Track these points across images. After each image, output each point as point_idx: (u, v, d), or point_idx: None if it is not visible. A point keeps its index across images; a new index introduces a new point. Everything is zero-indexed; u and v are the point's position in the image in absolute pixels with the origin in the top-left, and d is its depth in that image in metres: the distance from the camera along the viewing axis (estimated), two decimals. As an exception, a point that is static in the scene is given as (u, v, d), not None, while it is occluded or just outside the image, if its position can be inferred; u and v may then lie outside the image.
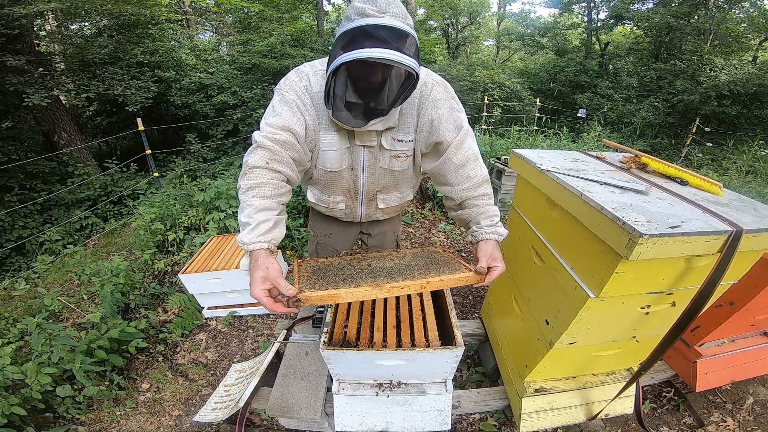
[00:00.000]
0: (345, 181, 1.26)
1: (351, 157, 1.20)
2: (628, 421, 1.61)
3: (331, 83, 0.98)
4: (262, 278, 0.87)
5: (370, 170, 1.24)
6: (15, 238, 5.03)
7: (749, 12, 9.81)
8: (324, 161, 1.19)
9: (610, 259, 0.90)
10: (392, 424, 1.30)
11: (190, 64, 8.30)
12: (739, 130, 8.75)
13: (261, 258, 0.90)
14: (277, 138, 1.01)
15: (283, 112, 1.06)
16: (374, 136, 1.15)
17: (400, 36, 0.90)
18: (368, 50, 0.87)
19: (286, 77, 1.11)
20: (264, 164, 0.99)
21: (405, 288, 0.99)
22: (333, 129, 1.13)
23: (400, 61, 0.88)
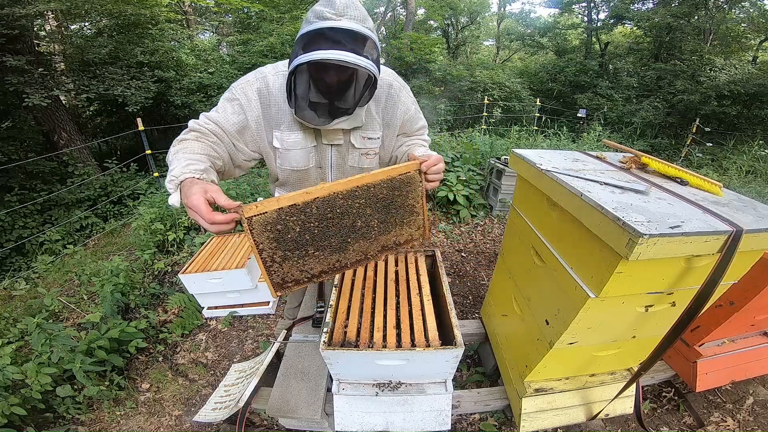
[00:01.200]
0: (313, 179, 1.28)
1: (318, 155, 1.22)
2: (628, 421, 1.61)
3: (291, 83, 0.99)
4: (203, 190, 0.83)
5: (339, 168, 1.27)
6: (15, 238, 5.03)
7: (749, 12, 9.81)
8: (289, 160, 1.20)
9: (610, 259, 0.90)
10: (392, 424, 1.30)
11: (190, 64, 8.30)
12: (739, 130, 8.75)
13: (196, 183, 0.86)
14: (208, 127, 1.05)
15: (223, 108, 1.09)
16: (341, 134, 1.18)
17: (357, 38, 0.92)
18: (323, 52, 0.89)
19: (244, 76, 1.12)
20: (193, 138, 1.02)
21: (349, 183, 0.95)
22: (298, 128, 1.14)
23: (354, 62, 0.90)
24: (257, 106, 1.11)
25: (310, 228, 0.94)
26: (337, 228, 0.99)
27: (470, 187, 3.83)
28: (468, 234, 3.54)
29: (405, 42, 10.14)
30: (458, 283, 2.80)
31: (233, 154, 1.12)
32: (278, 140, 1.16)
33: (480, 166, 4.16)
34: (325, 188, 0.92)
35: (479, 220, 3.73)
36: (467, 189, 3.77)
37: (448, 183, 3.77)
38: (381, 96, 1.19)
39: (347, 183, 0.95)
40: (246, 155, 1.16)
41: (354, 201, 0.98)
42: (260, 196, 3.42)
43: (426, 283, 1.47)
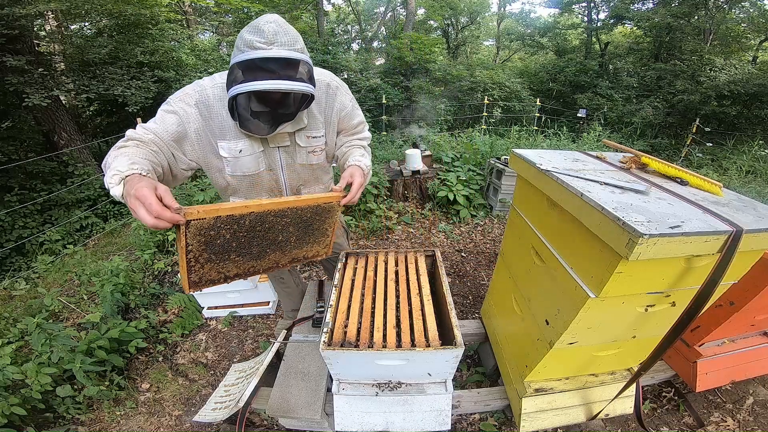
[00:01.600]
0: (266, 182, 1.32)
1: (267, 159, 1.26)
2: (628, 421, 1.61)
3: (233, 104, 1.04)
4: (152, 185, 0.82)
5: (289, 168, 1.32)
6: (15, 238, 5.03)
7: (749, 12, 9.81)
8: (240, 167, 1.23)
9: (610, 259, 0.90)
10: (392, 424, 1.30)
11: (190, 64, 8.30)
12: (739, 130, 8.75)
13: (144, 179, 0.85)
14: (147, 137, 1.05)
15: (163, 120, 1.09)
16: (287, 137, 1.23)
17: (289, 64, 0.97)
18: (260, 83, 0.94)
19: (183, 89, 1.14)
20: (134, 145, 1.00)
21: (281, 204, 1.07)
22: (244, 136, 1.17)
23: (289, 88, 0.97)
24: (197, 119, 1.12)
25: (238, 237, 1.02)
26: (262, 240, 1.09)
27: (470, 187, 3.82)
28: (468, 234, 3.54)
29: (405, 42, 10.14)
30: (458, 283, 2.80)
31: (171, 163, 1.12)
32: (225, 150, 1.18)
33: (480, 166, 4.16)
34: (261, 205, 1.02)
35: (479, 220, 3.73)
36: (467, 189, 3.77)
37: (448, 183, 3.77)
38: (321, 96, 1.25)
39: (279, 203, 1.06)
40: (184, 164, 1.16)
41: (282, 219, 1.10)
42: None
43: (426, 283, 1.47)
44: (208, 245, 0.96)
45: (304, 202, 1.12)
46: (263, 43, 0.95)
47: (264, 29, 0.95)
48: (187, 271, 0.96)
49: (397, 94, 9.05)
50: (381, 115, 7.34)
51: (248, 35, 0.95)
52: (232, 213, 0.96)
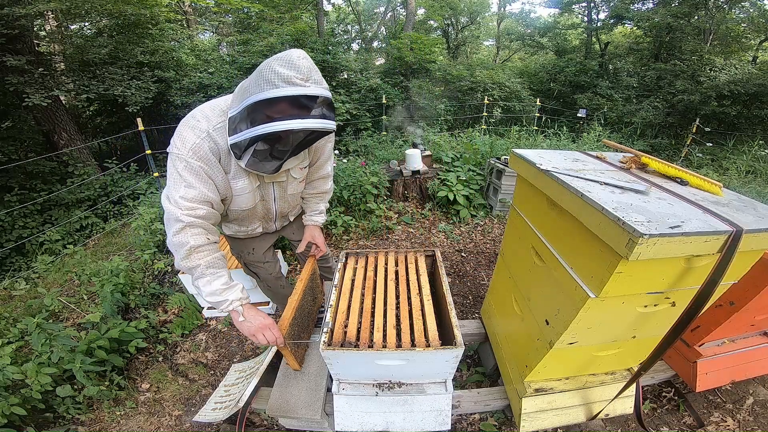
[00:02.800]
0: (259, 212, 1.39)
1: (261, 192, 1.32)
2: (628, 421, 1.61)
3: (250, 143, 1.01)
4: (264, 325, 1.19)
5: (281, 198, 1.40)
6: (15, 238, 5.04)
7: (749, 12, 9.80)
8: (239, 204, 1.27)
9: (610, 259, 0.90)
10: (392, 424, 1.30)
11: (190, 64, 8.30)
12: (739, 130, 8.74)
13: (253, 310, 1.21)
14: (199, 214, 1.09)
15: (194, 182, 1.08)
16: (284, 172, 1.29)
17: (324, 102, 0.97)
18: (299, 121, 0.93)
19: (183, 139, 1.07)
20: (205, 242, 1.11)
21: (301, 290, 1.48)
22: (243, 175, 1.19)
23: (328, 128, 0.99)
24: (217, 165, 1.13)
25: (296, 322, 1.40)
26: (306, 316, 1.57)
27: (470, 187, 3.82)
28: (468, 234, 3.54)
29: (405, 42, 10.14)
30: (458, 283, 2.80)
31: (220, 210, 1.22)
32: (230, 189, 1.22)
33: (480, 166, 4.16)
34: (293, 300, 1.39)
35: (479, 220, 3.73)
36: (467, 189, 3.77)
37: (448, 183, 3.77)
38: None
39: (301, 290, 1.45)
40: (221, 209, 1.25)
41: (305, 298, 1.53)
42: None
43: (426, 283, 1.47)
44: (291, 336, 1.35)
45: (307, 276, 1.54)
46: (301, 80, 0.93)
47: (299, 65, 0.93)
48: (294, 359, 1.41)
49: (397, 94, 9.05)
50: (381, 115, 7.34)
51: (284, 70, 0.91)
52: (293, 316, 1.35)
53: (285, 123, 0.93)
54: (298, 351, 1.48)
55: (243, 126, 0.99)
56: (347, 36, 16.64)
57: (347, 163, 3.85)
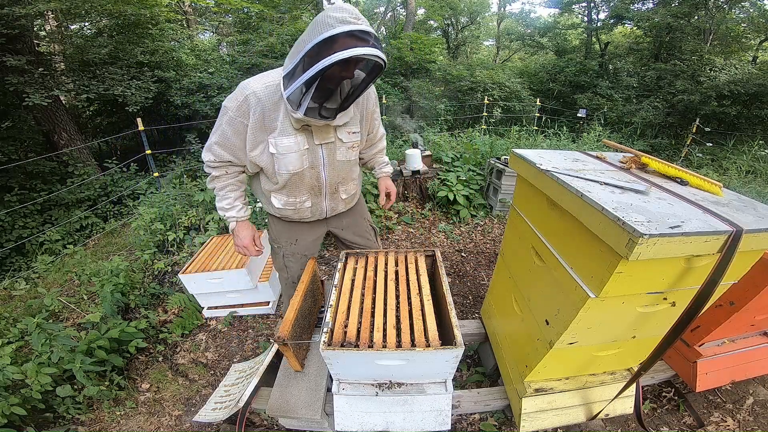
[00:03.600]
0: (308, 179, 1.38)
1: (311, 156, 1.32)
2: (628, 421, 1.61)
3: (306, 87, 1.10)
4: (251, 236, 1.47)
5: (330, 165, 1.38)
6: (15, 238, 5.03)
7: (749, 12, 9.80)
8: (286, 164, 1.29)
9: (610, 259, 0.90)
10: (392, 424, 1.30)
11: (190, 64, 8.29)
12: (739, 130, 8.75)
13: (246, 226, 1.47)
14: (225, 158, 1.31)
15: (228, 132, 1.25)
16: (331, 133, 1.31)
17: (375, 37, 1.05)
18: (361, 49, 0.99)
19: (233, 95, 1.22)
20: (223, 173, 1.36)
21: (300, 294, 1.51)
22: (290, 132, 1.24)
23: (380, 56, 1.04)
24: (257, 117, 1.21)
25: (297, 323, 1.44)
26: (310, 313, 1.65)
27: (470, 187, 3.82)
28: (468, 234, 3.54)
29: (405, 42, 10.14)
30: (458, 283, 2.80)
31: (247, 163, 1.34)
32: (273, 146, 1.25)
33: (480, 166, 4.16)
34: (295, 302, 1.43)
35: (479, 220, 3.73)
36: (467, 189, 3.77)
37: (448, 183, 3.77)
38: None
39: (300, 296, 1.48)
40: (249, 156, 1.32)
41: (306, 299, 1.56)
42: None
43: (426, 283, 1.47)
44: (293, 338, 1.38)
45: (308, 278, 1.60)
46: (354, 19, 1.01)
47: (349, 8, 1.03)
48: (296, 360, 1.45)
49: (397, 94, 9.05)
50: (381, 115, 7.34)
51: (338, 13, 1.00)
52: (296, 316, 1.39)
53: (349, 51, 0.98)
54: (300, 351, 1.48)
55: (304, 71, 1.06)
56: (347, 36, 16.59)
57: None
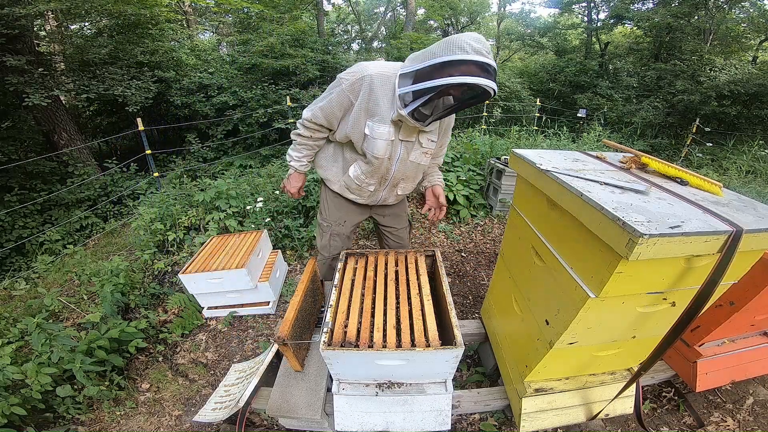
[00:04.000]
0: (383, 168, 1.50)
1: (392, 149, 1.44)
2: (628, 421, 1.61)
3: (423, 94, 1.21)
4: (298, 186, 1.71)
5: (402, 162, 1.50)
6: (15, 238, 5.04)
7: (749, 12, 9.81)
8: (373, 148, 1.41)
9: (610, 259, 0.90)
10: (392, 424, 1.30)
11: (190, 64, 8.30)
12: (739, 130, 8.74)
13: (301, 177, 1.70)
14: (320, 122, 1.46)
15: (334, 102, 1.39)
16: (414, 135, 1.44)
17: (495, 71, 1.16)
18: (485, 80, 1.12)
19: (351, 70, 1.36)
20: (307, 134, 1.52)
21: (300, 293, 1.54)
22: (387, 123, 1.37)
23: (496, 90, 1.16)
24: (364, 98, 1.35)
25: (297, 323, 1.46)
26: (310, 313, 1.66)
27: (470, 187, 3.82)
28: (468, 234, 3.54)
29: (405, 42, 10.14)
30: (458, 283, 2.80)
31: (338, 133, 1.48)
32: (369, 128, 1.39)
33: (480, 166, 4.16)
34: (295, 302, 1.45)
35: (479, 220, 3.73)
36: (467, 189, 3.77)
37: (448, 183, 3.77)
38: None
39: (300, 296, 1.50)
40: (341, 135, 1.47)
41: (306, 299, 1.59)
42: (260, 196, 3.42)
43: (426, 283, 1.47)
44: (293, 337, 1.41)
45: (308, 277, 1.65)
46: (487, 53, 1.14)
47: (484, 44, 1.15)
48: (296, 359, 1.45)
49: (397, 94, 9.03)
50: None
51: (476, 44, 1.13)
52: (295, 317, 1.40)
53: (477, 79, 1.12)
54: (300, 351, 1.48)
55: (425, 79, 1.19)
56: (347, 36, 16.63)
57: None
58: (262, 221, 3.10)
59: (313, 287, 1.67)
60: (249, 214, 3.23)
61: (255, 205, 3.20)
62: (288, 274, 2.88)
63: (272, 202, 3.35)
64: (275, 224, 3.13)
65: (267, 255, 2.63)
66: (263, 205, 3.22)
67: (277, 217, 3.22)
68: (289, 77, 7.92)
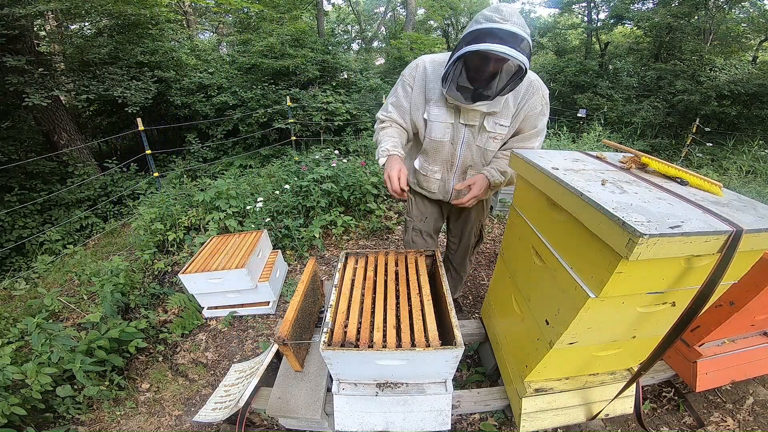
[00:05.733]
0: (445, 152, 1.52)
1: (453, 132, 1.46)
2: (628, 421, 1.61)
3: (450, 69, 1.24)
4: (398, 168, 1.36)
5: (467, 146, 1.49)
6: (15, 238, 5.04)
7: (749, 12, 9.81)
8: (431, 130, 1.47)
9: (610, 259, 0.90)
10: (392, 424, 1.30)
11: (190, 64, 8.30)
12: (739, 130, 8.75)
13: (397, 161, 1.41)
14: (393, 116, 1.52)
15: (401, 94, 1.48)
16: (477, 117, 1.41)
17: (516, 38, 1.12)
18: (489, 44, 1.11)
19: (409, 66, 1.47)
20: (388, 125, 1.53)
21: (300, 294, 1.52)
22: (443, 104, 1.41)
23: (512, 54, 1.11)
24: (419, 85, 1.44)
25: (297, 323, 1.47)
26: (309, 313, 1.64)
27: (470, 187, 3.82)
28: (468, 234, 3.53)
29: (405, 42, 10.15)
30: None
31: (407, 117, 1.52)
32: (428, 113, 1.44)
33: (480, 166, 4.15)
34: (295, 302, 1.45)
35: (479, 220, 3.72)
36: (467, 189, 3.76)
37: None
38: (521, 88, 1.38)
39: (300, 296, 1.50)
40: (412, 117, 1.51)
41: (307, 299, 1.58)
42: (260, 196, 3.42)
43: (426, 283, 1.47)
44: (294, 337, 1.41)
45: (308, 277, 1.64)
46: (500, 18, 1.13)
47: (503, 9, 1.14)
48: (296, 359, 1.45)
49: (397, 94, 9.03)
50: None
51: (489, 12, 1.14)
52: (295, 316, 1.41)
53: (472, 45, 1.13)
54: (300, 351, 1.48)
55: (451, 57, 1.23)
56: (347, 36, 16.62)
57: (347, 163, 3.85)
58: (262, 221, 3.10)
59: (313, 287, 1.67)
60: (249, 214, 3.23)
61: (255, 205, 3.20)
62: (288, 274, 2.88)
63: (272, 202, 3.35)
64: (275, 224, 3.13)
65: (267, 255, 2.63)
66: (263, 205, 3.22)
67: (277, 217, 3.22)
68: (289, 77, 7.92)
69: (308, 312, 1.60)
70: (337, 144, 6.78)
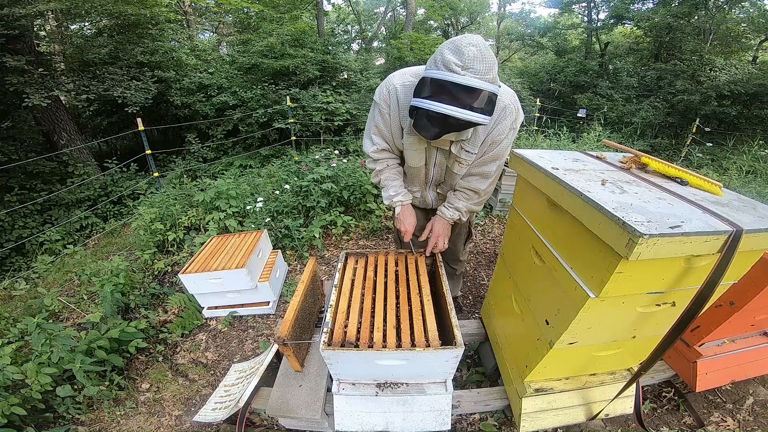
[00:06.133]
0: (421, 175, 1.55)
1: (426, 155, 1.46)
2: (628, 421, 1.61)
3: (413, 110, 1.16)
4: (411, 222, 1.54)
5: (439, 166, 1.50)
6: (15, 238, 5.04)
7: (749, 12, 9.81)
8: (408, 158, 1.47)
9: (610, 259, 0.90)
10: (392, 424, 1.30)
11: (190, 64, 8.29)
12: (739, 130, 8.75)
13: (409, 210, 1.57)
14: (381, 148, 1.48)
15: (380, 123, 1.42)
16: (448, 142, 1.37)
17: (472, 93, 1.03)
18: (439, 105, 1.04)
19: (379, 88, 1.38)
20: (384, 166, 1.53)
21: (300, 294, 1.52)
22: (414, 133, 1.34)
23: (464, 118, 1.05)
24: (395, 109, 1.36)
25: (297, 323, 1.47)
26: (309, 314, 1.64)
27: (470, 187, 3.82)
28: (468, 234, 3.53)
29: (405, 42, 10.14)
30: (458, 283, 2.80)
31: (394, 148, 1.49)
32: (404, 142, 1.42)
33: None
34: (295, 302, 1.45)
35: (479, 220, 3.73)
36: (467, 189, 3.76)
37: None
38: (493, 115, 1.26)
39: (300, 296, 1.49)
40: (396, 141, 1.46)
41: (307, 299, 1.58)
42: (260, 196, 3.42)
43: (426, 283, 1.47)
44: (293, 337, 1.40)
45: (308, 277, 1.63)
46: (459, 67, 1.01)
47: (464, 52, 1.01)
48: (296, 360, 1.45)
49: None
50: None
51: (449, 54, 1.02)
52: (295, 317, 1.40)
53: (423, 102, 1.06)
54: (300, 352, 1.48)
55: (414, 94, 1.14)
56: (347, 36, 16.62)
57: (347, 163, 3.85)
58: (262, 221, 3.10)
59: (313, 287, 1.67)
60: (249, 214, 3.23)
61: (255, 205, 3.20)
62: (288, 274, 2.88)
63: (272, 202, 3.35)
64: (275, 224, 3.13)
65: (267, 255, 2.63)
66: (263, 205, 3.22)
67: (277, 217, 3.22)
68: (289, 77, 7.92)
69: (308, 312, 1.60)
70: (337, 144, 6.78)
